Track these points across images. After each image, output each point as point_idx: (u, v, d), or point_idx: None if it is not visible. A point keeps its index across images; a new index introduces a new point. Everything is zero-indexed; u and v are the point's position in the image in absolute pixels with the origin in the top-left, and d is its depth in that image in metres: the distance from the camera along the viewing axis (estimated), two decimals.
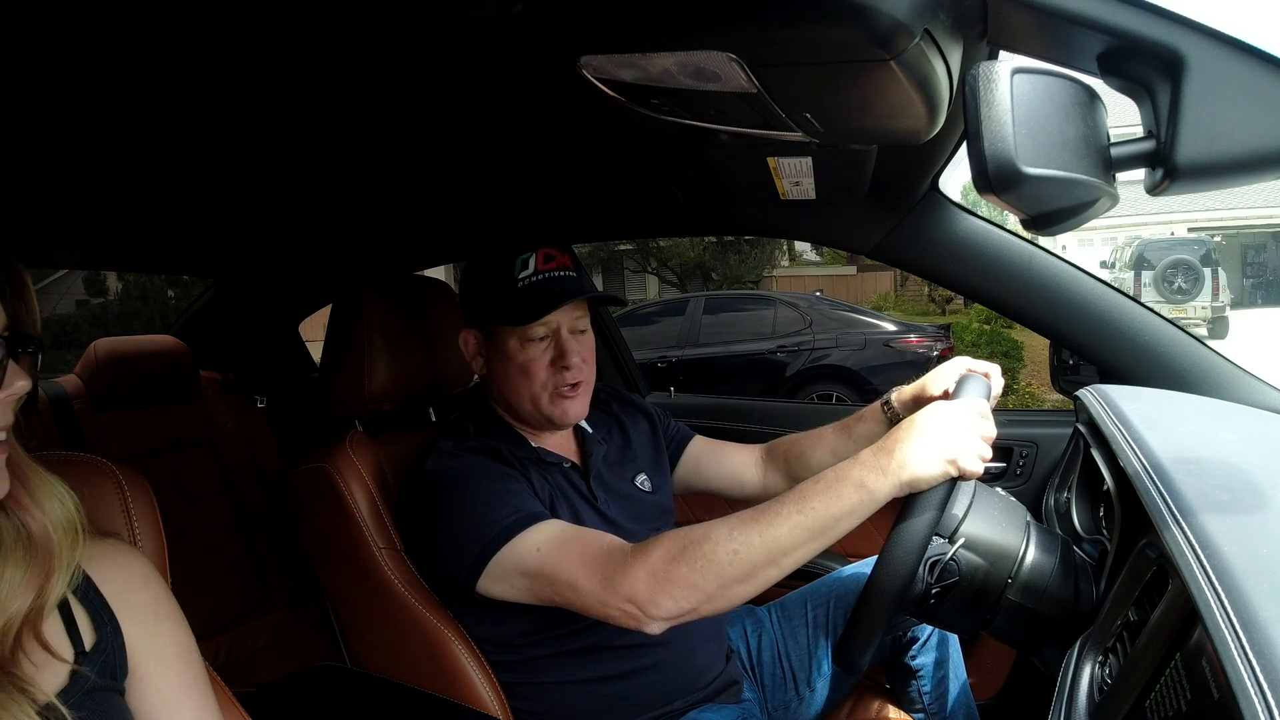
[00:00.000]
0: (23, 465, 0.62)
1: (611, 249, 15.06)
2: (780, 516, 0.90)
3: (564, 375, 1.15)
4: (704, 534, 0.92)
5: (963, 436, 0.89)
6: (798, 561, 0.90)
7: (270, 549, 2.02)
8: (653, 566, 0.92)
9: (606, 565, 0.95)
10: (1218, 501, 0.69)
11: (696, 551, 0.91)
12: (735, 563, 0.89)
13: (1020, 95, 0.54)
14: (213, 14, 0.74)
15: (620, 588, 0.93)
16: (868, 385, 6.58)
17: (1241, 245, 16.51)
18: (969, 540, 0.93)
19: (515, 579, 1.01)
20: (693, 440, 1.39)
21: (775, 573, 0.90)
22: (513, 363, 1.16)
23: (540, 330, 1.15)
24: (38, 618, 0.60)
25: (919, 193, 1.32)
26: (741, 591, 0.91)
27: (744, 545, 0.89)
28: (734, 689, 1.21)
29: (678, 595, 0.91)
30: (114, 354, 1.88)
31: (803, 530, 0.89)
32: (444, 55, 0.86)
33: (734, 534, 0.90)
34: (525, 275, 1.14)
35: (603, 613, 0.95)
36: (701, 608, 0.92)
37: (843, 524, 0.90)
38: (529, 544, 1.00)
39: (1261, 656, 0.46)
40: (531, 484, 1.11)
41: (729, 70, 0.67)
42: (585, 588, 0.95)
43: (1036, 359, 8.36)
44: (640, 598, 0.92)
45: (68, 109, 0.98)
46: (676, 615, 0.92)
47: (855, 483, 0.89)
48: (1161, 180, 0.57)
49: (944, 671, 1.25)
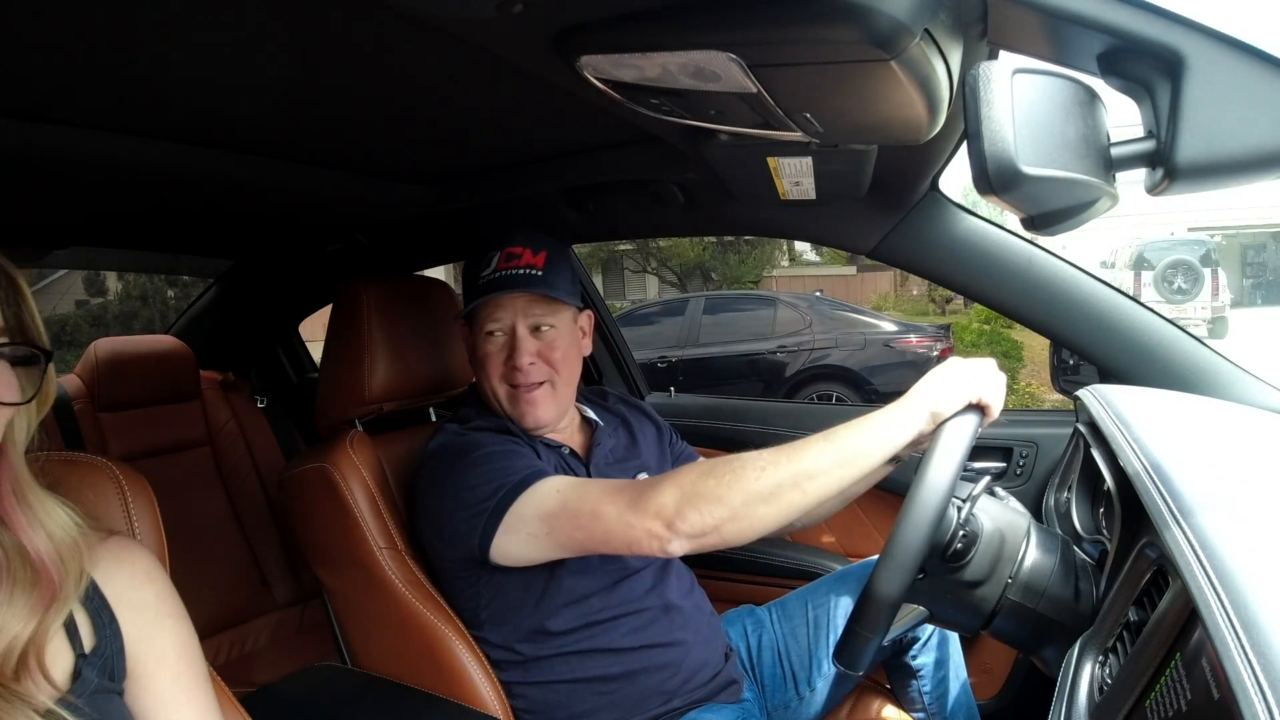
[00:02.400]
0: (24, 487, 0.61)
1: (611, 249, 15.06)
2: (808, 443, 0.94)
3: (514, 374, 1.16)
4: (734, 457, 0.96)
5: (980, 373, 0.94)
6: (820, 490, 0.92)
7: (270, 549, 2.02)
8: (681, 482, 0.95)
9: (632, 489, 0.98)
10: (1218, 501, 0.69)
11: (725, 468, 0.94)
12: (762, 479, 0.91)
13: (1020, 95, 0.54)
14: (215, 13, 0.74)
15: (648, 504, 0.94)
16: (867, 385, 6.59)
17: (1241, 245, 16.52)
18: (984, 507, 0.94)
19: (534, 524, 1.02)
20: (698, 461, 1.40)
21: (798, 497, 0.92)
22: (474, 357, 1.21)
23: (492, 325, 1.17)
24: (42, 639, 0.60)
25: (919, 193, 1.32)
26: (764, 513, 0.92)
27: (771, 464, 0.92)
28: (733, 688, 1.21)
29: (704, 508, 0.92)
30: (114, 354, 1.88)
31: (828, 456, 0.92)
32: (444, 55, 0.86)
33: (762, 455, 0.94)
34: (487, 273, 1.17)
35: (626, 535, 0.96)
36: (724, 526, 0.93)
37: (865, 457, 0.92)
38: (548, 488, 1.03)
39: (1261, 656, 0.46)
40: (537, 453, 1.14)
41: (729, 70, 0.67)
42: (609, 511, 0.97)
43: (1036, 359, 8.36)
44: (668, 511, 0.93)
45: (68, 107, 0.98)
46: (700, 531, 0.93)
47: (880, 418, 0.94)
48: (1161, 180, 0.57)
49: (944, 671, 1.25)
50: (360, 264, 1.95)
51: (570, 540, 1.01)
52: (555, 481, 1.04)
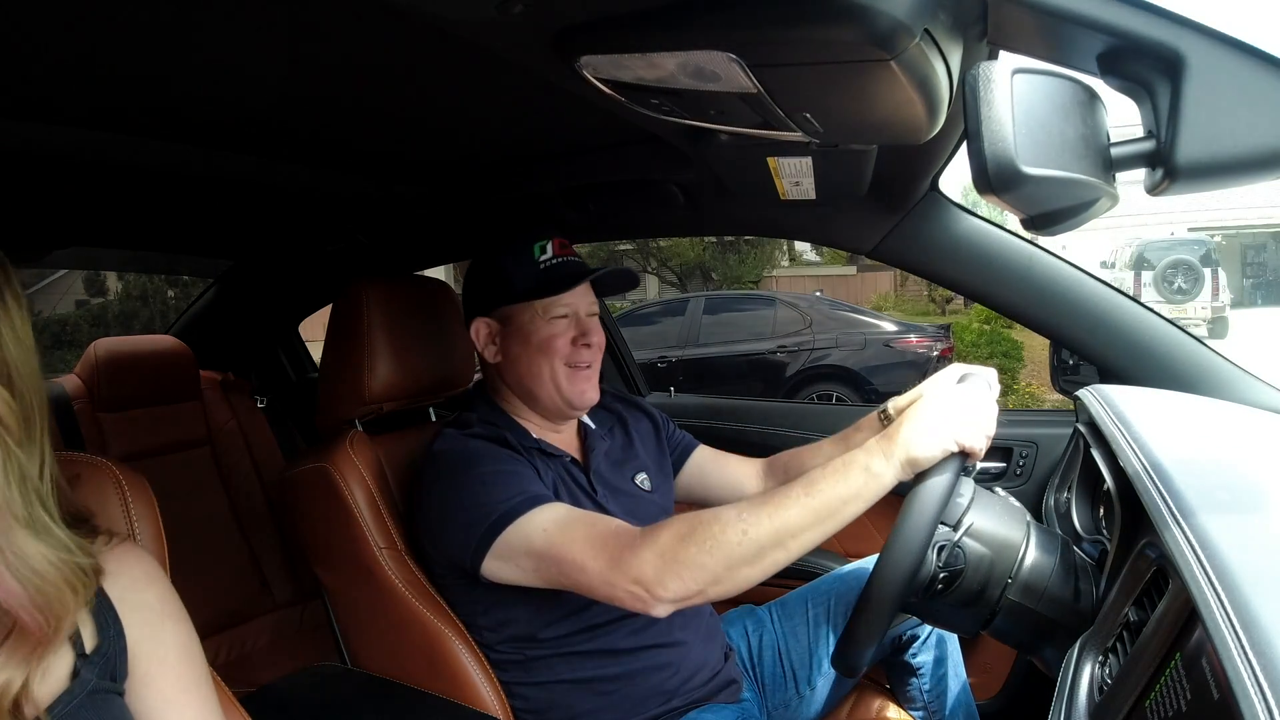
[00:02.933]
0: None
1: (611, 249, 15.05)
2: (789, 499, 0.91)
3: (583, 353, 1.18)
4: (713, 516, 0.93)
5: (963, 415, 0.91)
6: (804, 546, 0.91)
7: (270, 549, 2.02)
8: (661, 547, 0.92)
9: (614, 546, 0.95)
10: (1218, 501, 0.69)
11: (705, 532, 0.91)
12: (744, 544, 0.90)
13: (1020, 95, 0.54)
14: (215, 13, 0.74)
15: (628, 568, 0.93)
16: (868, 385, 6.58)
17: (1241, 245, 16.50)
18: (974, 530, 0.93)
19: (521, 559, 1.01)
20: (697, 449, 1.40)
21: (783, 555, 0.91)
22: (533, 340, 1.18)
23: (563, 309, 1.18)
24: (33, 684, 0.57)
25: (919, 193, 1.32)
26: (748, 574, 0.91)
27: (753, 526, 0.90)
28: (733, 688, 1.21)
29: (685, 576, 0.91)
30: (114, 354, 1.88)
31: (810, 512, 0.90)
32: (444, 55, 0.86)
33: (743, 515, 0.91)
34: (545, 259, 1.19)
35: (609, 594, 0.95)
36: (709, 589, 0.92)
37: (849, 508, 0.91)
38: (536, 524, 1.01)
39: (1261, 656, 0.46)
40: (536, 470, 1.12)
41: (729, 70, 0.67)
42: (592, 568, 0.95)
43: (1036, 359, 8.35)
44: (648, 578, 0.92)
45: (68, 107, 0.98)
46: (683, 597, 0.92)
47: (860, 467, 0.91)
48: (1161, 180, 0.57)
49: (944, 670, 1.25)
50: (360, 264, 1.95)
51: (556, 582, 1.00)
52: (543, 516, 1.01)
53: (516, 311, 1.19)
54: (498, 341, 1.22)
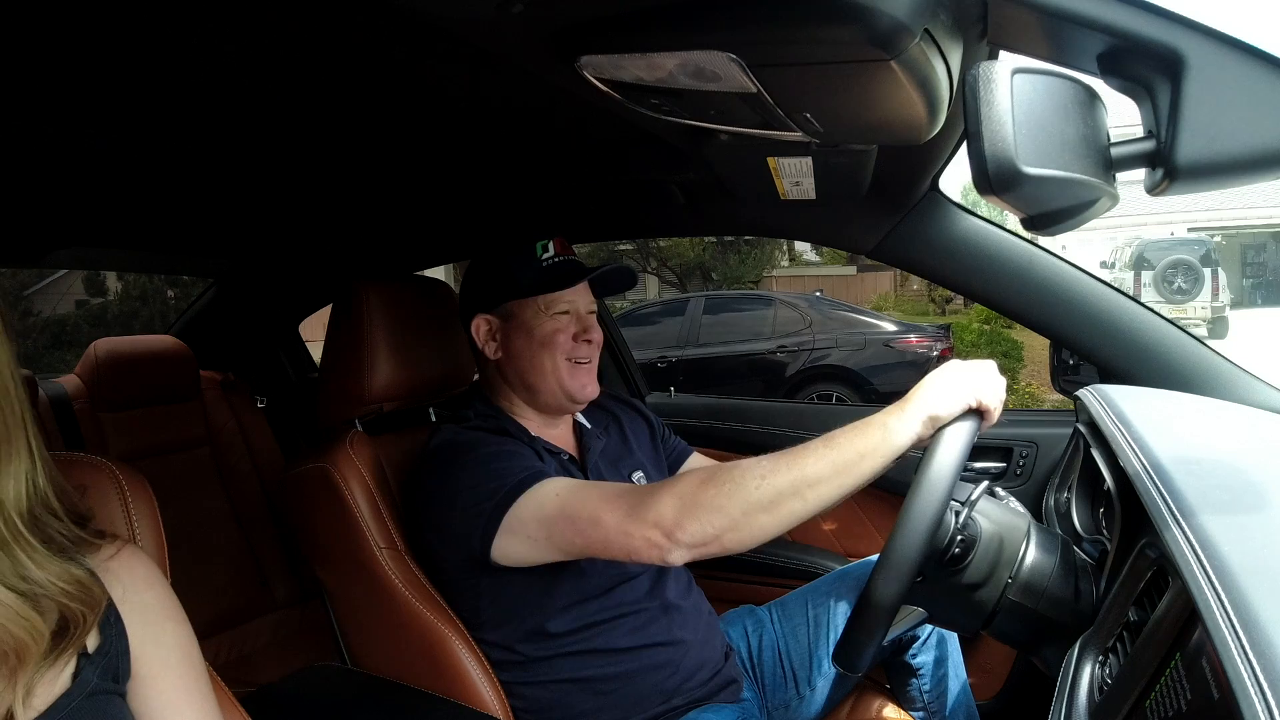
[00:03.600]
0: None
1: (611, 249, 15.04)
2: (808, 450, 0.93)
3: (583, 348, 1.22)
4: (733, 465, 0.95)
5: (979, 376, 0.93)
6: (820, 498, 0.92)
7: (270, 549, 2.02)
8: (680, 491, 0.94)
9: (631, 497, 0.98)
10: (1218, 501, 0.69)
11: (725, 476, 0.94)
12: (762, 488, 0.91)
13: (1020, 95, 0.54)
14: (215, 13, 0.74)
15: (646, 513, 0.94)
16: (868, 385, 6.58)
17: (1241, 245, 16.50)
18: (983, 509, 0.94)
19: (532, 527, 1.02)
20: (691, 456, 1.40)
21: (799, 505, 0.92)
22: (536, 335, 1.20)
23: (565, 305, 1.21)
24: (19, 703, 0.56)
25: (919, 193, 1.32)
26: (765, 523, 0.92)
27: (771, 473, 0.92)
28: (733, 688, 1.21)
29: (703, 518, 0.92)
30: (114, 354, 1.88)
31: (828, 464, 0.92)
32: (444, 55, 0.86)
33: (762, 463, 0.93)
34: (548, 256, 1.22)
35: (625, 544, 0.96)
36: (725, 536, 0.92)
37: (867, 462, 0.92)
38: (547, 491, 1.03)
39: (1261, 656, 0.46)
40: (539, 456, 1.14)
41: (729, 70, 0.67)
42: (609, 519, 0.97)
43: (1036, 359, 8.35)
44: (667, 521, 0.93)
45: (68, 107, 0.98)
46: (700, 541, 0.93)
47: (879, 423, 0.93)
48: (1161, 180, 0.57)
49: (944, 670, 1.25)
50: (360, 264, 1.95)
51: (570, 545, 1.01)
52: (554, 484, 1.04)
53: (519, 307, 1.21)
54: (498, 337, 1.23)
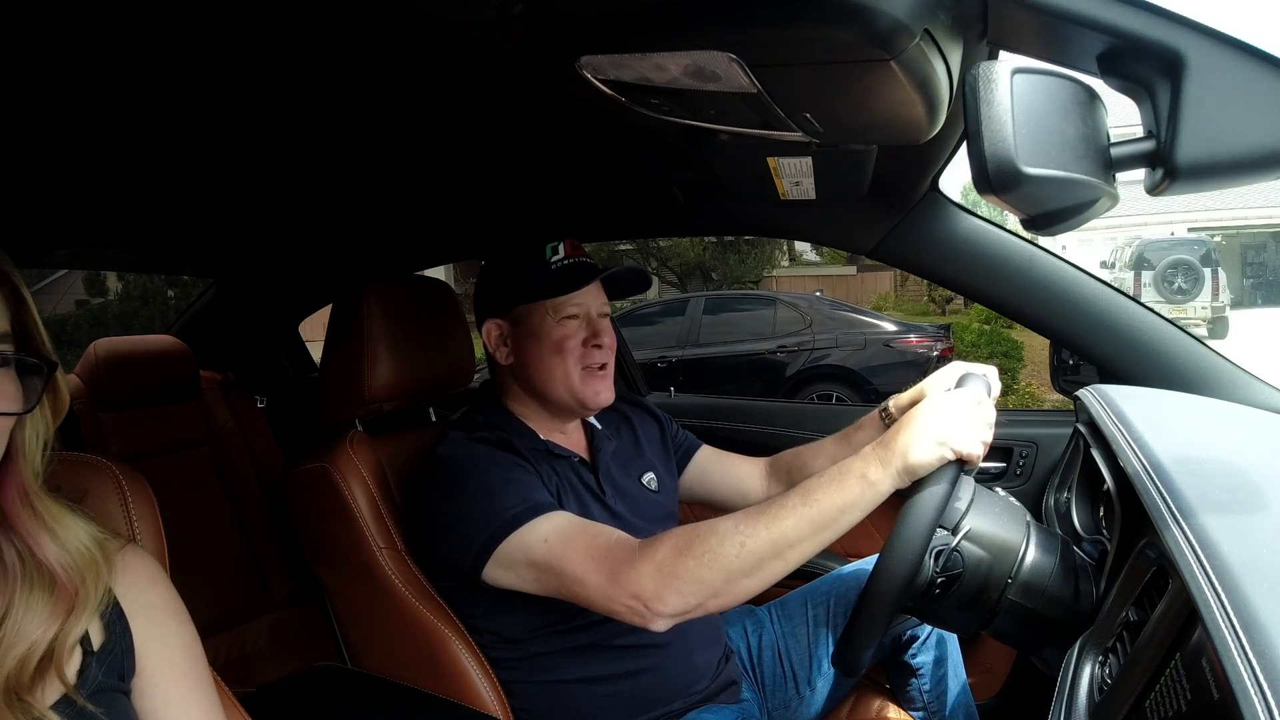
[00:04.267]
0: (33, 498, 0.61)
1: (611, 249, 15.04)
2: (785, 509, 0.90)
3: (595, 354, 1.18)
4: (710, 529, 0.92)
5: (959, 421, 0.90)
6: (802, 555, 0.91)
7: (270, 549, 2.02)
8: (659, 562, 0.92)
9: (613, 560, 0.95)
10: (1218, 501, 0.69)
11: (703, 545, 0.91)
12: (742, 556, 0.89)
13: (1020, 95, 0.54)
14: (215, 13, 0.74)
15: (627, 584, 0.93)
16: (868, 385, 6.58)
17: (1241, 245, 16.49)
18: (972, 533, 0.93)
19: (522, 569, 1.02)
20: (700, 449, 1.40)
21: (781, 566, 0.90)
22: (546, 341, 1.18)
23: (574, 308, 1.18)
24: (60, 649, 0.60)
25: (919, 193, 1.32)
26: (747, 586, 0.91)
27: (750, 538, 0.90)
28: (733, 689, 1.21)
29: (684, 590, 0.91)
30: (114, 354, 1.88)
31: (807, 522, 0.89)
32: (444, 56, 0.86)
33: (740, 527, 0.91)
34: (557, 259, 1.19)
35: (608, 608, 0.96)
36: (708, 603, 0.92)
37: (846, 517, 0.90)
38: (537, 534, 1.01)
39: (1261, 656, 0.46)
40: (540, 476, 1.12)
41: (729, 70, 0.67)
42: (591, 583, 0.95)
43: (1036, 359, 8.35)
44: (646, 594, 0.92)
45: (68, 107, 0.98)
46: (682, 611, 0.92)
47: (857, 475, 0.90)
48: (1161, 180, 0.57)
49: (944, 670, 1.25)
50: (360, 264, 1.95)
51: (557, 593, 1.01)
52: (545, 526, 1.01)
53: (529, 312, 1.19)
54: (509, 343, 1.21)
